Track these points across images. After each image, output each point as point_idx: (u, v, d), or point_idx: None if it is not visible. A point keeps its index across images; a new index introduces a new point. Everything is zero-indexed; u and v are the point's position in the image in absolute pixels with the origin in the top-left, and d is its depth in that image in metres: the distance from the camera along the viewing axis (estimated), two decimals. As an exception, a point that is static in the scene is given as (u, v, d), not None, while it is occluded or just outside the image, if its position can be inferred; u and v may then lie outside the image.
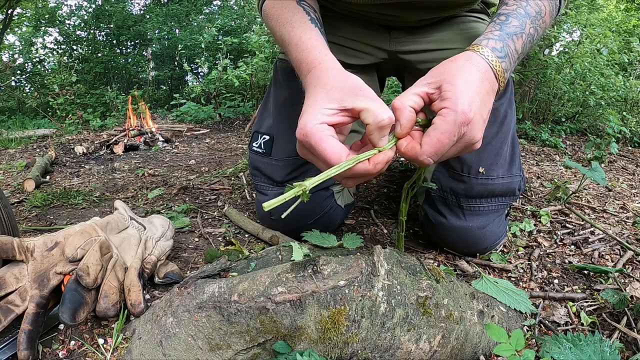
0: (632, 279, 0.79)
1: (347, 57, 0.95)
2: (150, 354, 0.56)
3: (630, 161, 2.14)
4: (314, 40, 0.66)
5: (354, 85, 0.56)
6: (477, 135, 0.54)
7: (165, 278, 0.77)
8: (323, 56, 0.63)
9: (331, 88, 0.56)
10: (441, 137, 0.52)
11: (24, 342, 0.57)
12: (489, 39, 0.61)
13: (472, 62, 0.57)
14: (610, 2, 5.41)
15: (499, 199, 0.85)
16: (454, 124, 0.51)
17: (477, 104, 0.53)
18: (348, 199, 1.01)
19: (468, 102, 0.52)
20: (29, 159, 2.27)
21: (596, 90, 2.79)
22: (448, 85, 0.53)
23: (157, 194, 1.40)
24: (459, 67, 0.56)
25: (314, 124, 0.52)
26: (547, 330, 0.66)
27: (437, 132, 0.52)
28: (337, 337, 0.54)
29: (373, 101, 0.53)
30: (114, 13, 9.26)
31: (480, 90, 0.55)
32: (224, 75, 3.83)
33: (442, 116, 0.52)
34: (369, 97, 0.54)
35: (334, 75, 0.58)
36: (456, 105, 0.52)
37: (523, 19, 0.65)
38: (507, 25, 0.64)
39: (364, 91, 0.55)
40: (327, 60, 0.62)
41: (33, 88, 8.91)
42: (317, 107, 0.54)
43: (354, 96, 0.54)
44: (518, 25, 0.64)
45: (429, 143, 0.52)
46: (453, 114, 0.51)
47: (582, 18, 3.08)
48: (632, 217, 1.14)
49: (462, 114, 0.51)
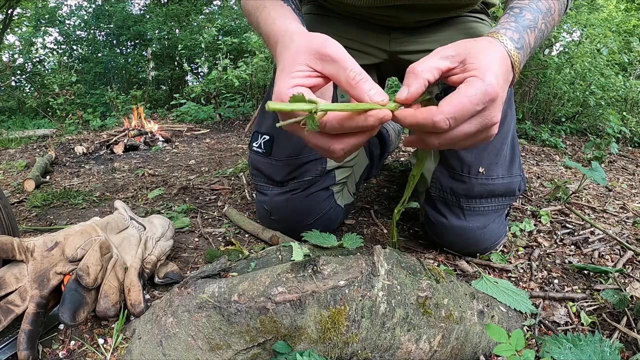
0: (632, 279, 0.79)
1: None
2: (150, 354, 0.56)
3: (630, 161, 2.14)
4: (282, 14, 0.64)
5: (320, 44, 0.51)
6: (497, 116, 0.51)
7: (165, 278, 0.77)
8: (287, 25, 0.60)
9: (296, 51, 0.52)
10: (464, 100, 0.47)
11: (24, 342, 0.57)
12: (506, 29, 0.59)
13: (494, 45, 0.55)
14: (610, 2, 5.41)
15: (499, 199, 0.85)
16: (480, 91, 0.48)
17: (501, 84, 0.50)
18: (348, 199, 1.01)
19: (495, 78, 0.49)
20: (29, 159, 2.27)
21: (596, 90, 2.79)
22: (474, 59, 0.51)
23: (157, 194, 1.40)
24: (483, 46, 0.53)
25: (286, 88, 0.49)
26: (547, 330, 0.66)
27: (460, 95, 0.48)
28: (337, 337, 0.54)
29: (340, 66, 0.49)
30: (114, 13, 9.25)
31: (504, 73, 0.53)
32: (224, 75, 3.83)
33: (468, 82, 0.49)
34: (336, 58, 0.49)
35: (298, 39, 0.54)
36: (484, 75, 0.49)
37: (536, 14, 0.64)
38: (521, 17, 0.62)
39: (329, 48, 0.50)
40: (292, 27, 0.59)
41: (33, 88, 8.91)
42: (287, 72, 0.51)
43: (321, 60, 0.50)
44: (532, 19, 0.63)
45: (450, 103, 0.47)
46: (481, 83, 0.48)
47: (582, 18, 3.08)
48: (632, 217, 1.14)
49: (490, 85, 0.48)
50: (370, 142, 1.18)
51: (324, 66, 0.50)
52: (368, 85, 0.48)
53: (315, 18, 0.98)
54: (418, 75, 0.50)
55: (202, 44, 4.91)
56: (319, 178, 0.90)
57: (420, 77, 0.50)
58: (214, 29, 5.74)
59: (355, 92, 0.48)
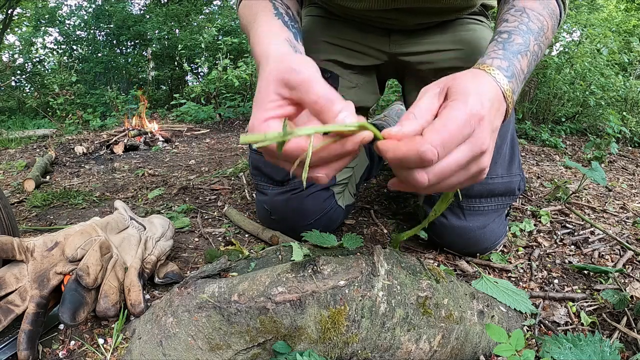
0: (632, 279, 0.79)
1: (347, 57, 0.95)
2: (150, 354, 0.56)
3: (630, 161, 2.14)
4: (269, 31, 0.61)
5: (286, 70, 0.48)
6: (487, 141, 0.47)
7: (165, 278, 0.77)
8: (268, 45, 0.58)
9: (267, 80, 0.50)
10: (450, 123, 0.44)
11: (24, 342, 0.57)
12: (493, 59, 0.57)
13: (479, 77, 0.52)
14: (610, 2, 5.41)
15: (499, 199, 0.85)
16: (464, 112, 0.45)
17: (487, 106, 0.47)
18: (349, 200, 1.01)
19: (479, 100, 0.47)
20: (29, 159, 2.27)
21: (596, 90, 2.79)
22: (456, 88, 0.48)
23: (157, 194, 1.40)
24: (467, 78, 0.51)
25: (260, 122, 0.47)
26: (547, 330, 0.66)
27: (444, 119, 0.44)
28: (337, 337, 0.54)
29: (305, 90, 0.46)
30: (114, 13, 9.25)
31: (491, 99, 0.50)
32: (224, 75, 3.83)
33: (450, 106, 0.46)
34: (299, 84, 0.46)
35: (270, 64, 0.52)
36: (466, 98, 0.46)
37: (527, 36, 0.61)
38: (510, 43, 0.60)
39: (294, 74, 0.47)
40: (271, 49, 0.56)
41: (33, 88, 8.91)
42: (260, 104, 0.49)
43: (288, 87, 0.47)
44: (522, 43, 0.60)
45: (434, 130, 0.43)
46: (464, 105, 0.45)
47: (582, 18, 3.08)
48: (632, 217, 1.14)
49: (474, 106, 0.45)
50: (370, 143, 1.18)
51: (292, 93, 0.47)
52: (337, 107, 0.44)
53: (316, 20, 0.98)
54: (413, 120, 0.46)
55: (202, 44, 4.91)
56: None
57: (416, 121, 0.46)
58: (214, 29, 5.74)
59: (324, 117, 0.44)
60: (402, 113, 1.51)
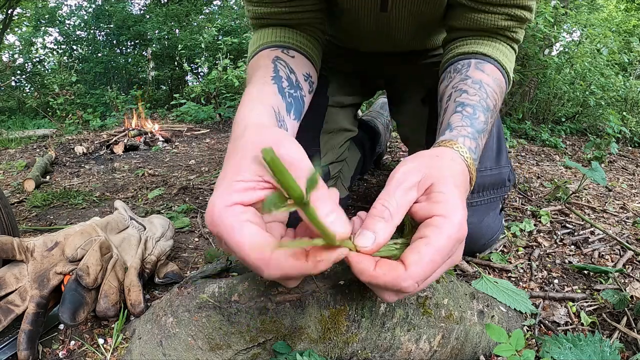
0: (632, 279, 0.79)
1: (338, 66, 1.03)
2: (150, 354, 0.56)
3: (630, 161, 2.14)
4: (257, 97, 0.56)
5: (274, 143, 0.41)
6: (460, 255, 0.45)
7: (165, 278, 0.77)
8: (248, 113, 0.51)
9: (243, 152, 0.42)
10: (436, 256, 0.39)
11: (24, 342, 0.57)
12: (464, 137, 0.55)
13: (456, 162, 0.50)
14: (610, 2, 5.41)
15: (491, 192, 0.85)
16: (451, 238, 0.40)
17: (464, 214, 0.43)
18: (342, 193, 1.03)
19: (463, 213, 0.43)
20: (29, 159, 2.27)
21: (596, 90, 2.79)
22: (441, 186, 0.44)
23: (157, 194, 1.40)
24: (447, 167, 0.48)
25: (223, 206, 0.38)
26: (547, 330, 0.66)
27: (431, 247, 0.39)
28: (337, 336, 0.54)
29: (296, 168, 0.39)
30: (114, 13, 9.25)
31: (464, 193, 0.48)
32: (224, 75, 3.83)
33: (437, 227, 0.41)
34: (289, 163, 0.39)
35: (248, 134, 0.44)
36: (455, 213, 0.42)
37: (486, 113, 0.60)
38: (476, 120, 0.58)
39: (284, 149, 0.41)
40: (251, 117, 0.50)
41: (33, 88, 8.92)
42: (227, 181, 0.40)
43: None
44: (484, 121, 0.59)
45: (419, 263, 0.39)
46: (450, 226, 0.41)
47: (582, 18, 3.09)
48: (632, 217, 1.14)
49: (460, 227, 0.41)
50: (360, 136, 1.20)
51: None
52: (327, 208, 0.38)
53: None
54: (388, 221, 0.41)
55: (202, 44, 4.91)
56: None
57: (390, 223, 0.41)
58: (214, 29, 5.75)
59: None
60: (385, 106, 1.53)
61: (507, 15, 0.68)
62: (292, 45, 0.71)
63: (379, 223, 0.41)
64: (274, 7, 0.71)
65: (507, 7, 0.68)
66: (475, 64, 0.67)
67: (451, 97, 0.64)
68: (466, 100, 0.61)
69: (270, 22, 0.74)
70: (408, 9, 0.77)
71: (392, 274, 0.38)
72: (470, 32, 0.72)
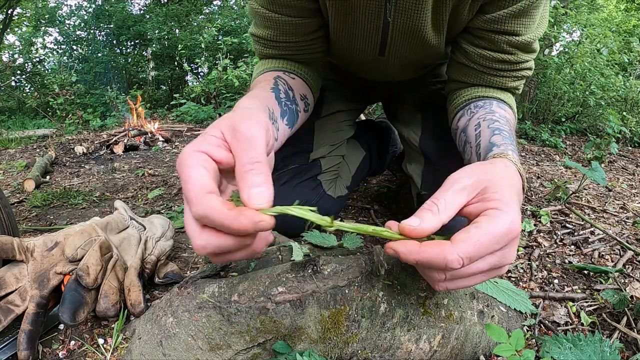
0: (632, 279, 0.79)
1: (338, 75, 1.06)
2: (150, 354, 0.56)
3: (630, 161, 2.14)
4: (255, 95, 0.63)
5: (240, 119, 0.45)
6: (513, 256, 0.45)
7: (165, 278, 0.77)
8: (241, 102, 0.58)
9: (220, 120, 0.47)
10: (485, 238, 0.41)
11: (24, 342, 0.57)
12: (512, 151, 0.58)
13: (510, 169, 0.52)
14: (610, 2, 5.42)
15: None
16: (504, 228, 0.41)
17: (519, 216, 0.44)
18: (341, 191, 1.02)
19: (517, 210, 0.43)
20: (29, 159, 2.27)
21: (596, 90, 2.79)
22: (496, 188, 0.45)
23: (157, 194, 1.40)
24: (501, 171, 0.50)
25: (192, 150, 0.42)
26: (547, 330, 0.66)
27: (481, 231, 0.41)
28: (337, 337, 0.54)
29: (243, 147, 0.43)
30: (114, 13, 9.25)
31: (520, 199, 0.49)
32: (224, 75, 3.84)
33: (490, 216, 0.42)
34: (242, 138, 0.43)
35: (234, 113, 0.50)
36: (508, 208, 0.42)
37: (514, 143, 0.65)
38: (514, 141, 0.64)
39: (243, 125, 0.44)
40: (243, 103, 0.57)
41: (33, 88, 8.92)
42: (202, 135, 0.45)
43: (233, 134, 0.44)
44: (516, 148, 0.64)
45: (467, 241, 0.41)
46: (505, 217, 0.42)
47: (582, 18, 3.09)
48: (632, 217, 1.14)
49: (515, 222, 0.42)
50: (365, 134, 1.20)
51: (232, 142, 0.44)
52: (257, 180, 0.41)
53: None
54: (435, 214, 0.43)
55: (202, 44, 4.91)
56: (304, 166, 0.95)
57: (437, 217, 0.43)
58: (214, 29, 5.75)
59: (240, 183, 0.41)
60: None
61: (515, 77, 0.77)
62: (294, 71, 0.80)
63: (427, 213, 0.44)
64: (281, 51, 0.80)
65: (515, 71, 0.76)
66: (497, 104, 0.75)
67: (481, 125, 0.69)
68: (501, 127, 0.66)
69: (275, 57, 0.83)
70: (405, 54, 0.82)
71: (438, 247, 0.41)
72: (481, 86, 0.79)
